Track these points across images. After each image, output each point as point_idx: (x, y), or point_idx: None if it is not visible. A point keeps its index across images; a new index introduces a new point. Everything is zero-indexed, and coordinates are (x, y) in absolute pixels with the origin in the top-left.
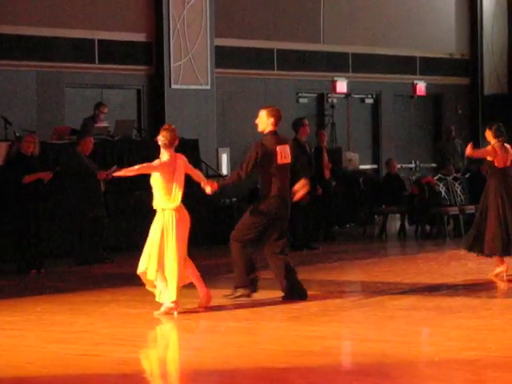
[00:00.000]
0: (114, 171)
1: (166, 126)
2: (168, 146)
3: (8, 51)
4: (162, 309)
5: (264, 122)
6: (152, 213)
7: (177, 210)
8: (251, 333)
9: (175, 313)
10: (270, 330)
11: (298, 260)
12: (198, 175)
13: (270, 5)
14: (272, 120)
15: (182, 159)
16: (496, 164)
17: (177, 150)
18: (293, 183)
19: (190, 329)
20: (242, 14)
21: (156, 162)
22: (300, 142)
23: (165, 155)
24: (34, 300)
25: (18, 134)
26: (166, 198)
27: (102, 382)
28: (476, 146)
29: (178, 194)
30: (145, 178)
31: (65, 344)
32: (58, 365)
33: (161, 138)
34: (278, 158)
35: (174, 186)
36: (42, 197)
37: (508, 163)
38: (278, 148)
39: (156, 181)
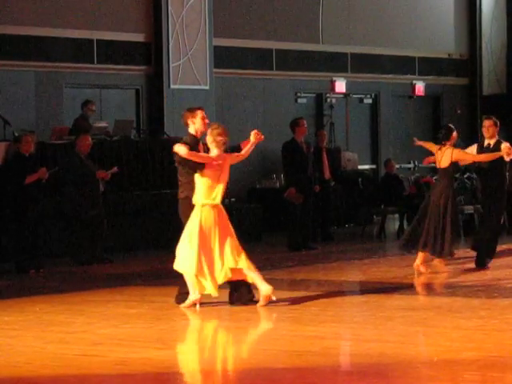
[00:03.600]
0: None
1: (218, 125)
2: (222, 145)
3: (7, 51)
4: (188, 301)
5: None
6: (151, 212)
7: (216, 207)
8: (251, 333)
9: (197, 305)
10: (269, 330)
11: (296, 260)
12: (242, 153)
13: (269, 5)
14: None
15: (227, 159)
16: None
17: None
18: (287, 185)
19: (190, 329)
20: (240, 14)
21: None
22: (297, 143)
23: (214, 152)
24: (33, 300)
25: (16, 134)
26: (207, 195)
27: (101, 383)
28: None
29: (220, 192)
30: (144, 178)
31: (63, 344)
32: (57, 365)
33: (218, 139)
34: None
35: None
36: (40, 197)
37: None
38: None
39: (200, 175)
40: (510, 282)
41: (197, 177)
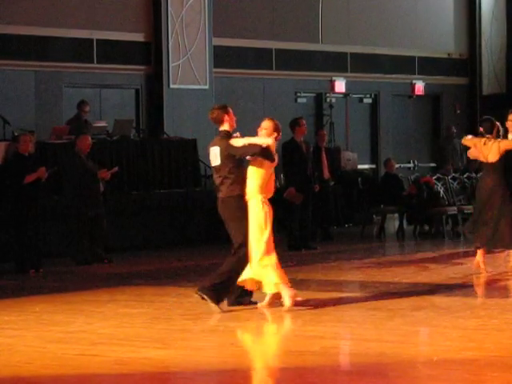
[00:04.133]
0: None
1: (272, 120)
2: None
3: (6, 51)
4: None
5: None
6: (151, 212)
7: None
8: (250, 333)
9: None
10: (269, 330)
11: (296, 260)
12: None
13: (269, 5)
14: None
15: None
16: None
17: (176, 150)
18: (286, 185)
19: (190, 329)
20: (240, 13)
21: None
22: (296, 143)
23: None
24: (33, 300)
25: (16, 134)
26: (264, 188)
27: (101, 382)
28: None
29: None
30: (144, 178)
31: (63, 344)
32: (57, 365)
33: (276, 134)
34: None
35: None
36: (40, 197)
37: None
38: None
39: (258, 169)
40: (510, 281)
41: (256, 171)
